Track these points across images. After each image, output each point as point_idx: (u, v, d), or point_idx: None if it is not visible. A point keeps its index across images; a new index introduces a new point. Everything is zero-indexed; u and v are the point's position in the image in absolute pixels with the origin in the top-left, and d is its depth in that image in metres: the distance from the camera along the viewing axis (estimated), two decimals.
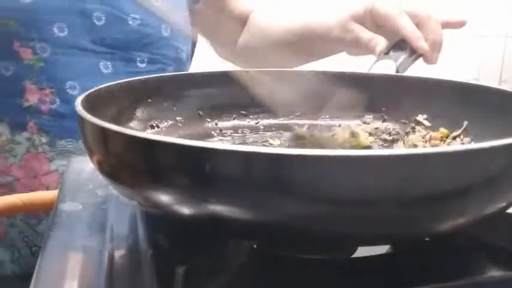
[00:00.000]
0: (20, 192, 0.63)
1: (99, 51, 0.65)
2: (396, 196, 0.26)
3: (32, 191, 0.63)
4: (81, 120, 0.33)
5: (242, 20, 0.91)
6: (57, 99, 0.63)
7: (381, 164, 0.25)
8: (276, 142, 0.51)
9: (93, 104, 0.38)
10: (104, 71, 0.65)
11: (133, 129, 0.46)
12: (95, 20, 0.64)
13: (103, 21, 0.64)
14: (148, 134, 0.40)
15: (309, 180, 0.25)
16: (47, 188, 0.64)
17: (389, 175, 0.25)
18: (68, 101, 0.63)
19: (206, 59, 0.92)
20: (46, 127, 0.63)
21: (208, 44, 0.95)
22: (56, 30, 0.62)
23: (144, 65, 0.68)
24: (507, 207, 0.31)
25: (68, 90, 0.63)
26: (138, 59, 0.68)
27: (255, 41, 0.90)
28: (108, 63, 0.66)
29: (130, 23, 0.66)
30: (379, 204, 0.26)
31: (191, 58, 0.86)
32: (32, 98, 0.62)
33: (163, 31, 0.70)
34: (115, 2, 0.65)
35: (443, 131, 0.49)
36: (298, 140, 0.51)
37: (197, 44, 0.88)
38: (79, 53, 0.64)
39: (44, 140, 0.63)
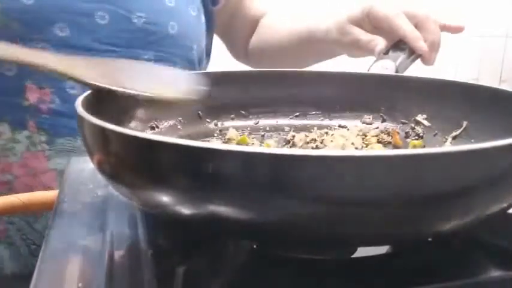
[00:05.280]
0: (20, 191, 0.63)
1: (102, 49, 0.64)
2: (397, 197, 0.26)
3: (31, 189, 0.63)
4: (81, 120, 0.33)
5: (255, 22, 0.93)
6: (57, 99, 0.63)
7: (383, 164, 0.25)
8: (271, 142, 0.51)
9: (93, 104, 0.38)
10: None
11: (133, 129, 0.46)
12: (97, 19, 0.64)
13: (106, 20, 0.64)
14: (149, 135, 0.40)
15: (310, 180, 0.25)
16: (45, 187, 0.64)
17: (391, 176, 0.25)
18: (68, 100, 0.63)
19: (212, 59, 0.93)
20: (45, 126, 0.63)
21: (225, 44, 0.96)
22: (57, 31, 0.62)
23: (150, 63, 0.67)
24: (509, 207, 0.31)
25: (67, 89, 0.63)
26: (143, 57, 0.67)
27: (263, 44, 0.91)
28: None
29: (135, 21, 0.66)
30: (381, 205, 0.26)
31: (207, 58, 0.85)
32: (32, 98, 0.62)
33: (170, 29, 0.69)
34: (119, 0, 0.65)
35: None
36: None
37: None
38: (80, 53, 0.63)
39: (43, 138, 0.63)
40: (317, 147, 0.49)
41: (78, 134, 0.63)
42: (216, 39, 0.94)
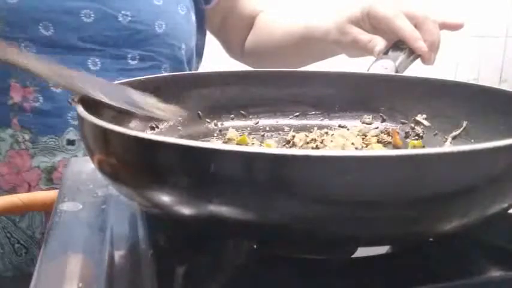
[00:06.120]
0: (4, 189, 0.63)
1: (88, 48, 0.64)
2: (397, 197, 0.26)
3: (15, 186, 0.64)
4: (82, 120, 0.33)
5: (251, 20, 0.92)
6: (41, 97, 0.63)
7: (383, 164, 0.25)
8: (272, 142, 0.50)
9: (93, 104, 0.38)
10: (92, 68, 0.65)
11: (133, 129, 0.46)
12: (83, 18, 0.64)
13: (92, 18, 0.64)
14: (149, 135, 0.40)
15: (310, 180, 0.25)
16: (29, 184, 0.64)
17: (391, 175, 0.25)
18: (51, 98, 0.63)
19: (213, 59, 0.93)
20: (29, 124, 0.63)
21: (220, 43, 0.96)
22: (41, 29, 0.62)
23: (136, 62, 0.67)
24: (509, 207, 0.31)
25: (51, 88, 0.63)
26: (129, 56, 0.67)
27: (261, 43, 0.91)
28: (97, 60, 0.65)
29: (120, 19, 0.66)
30: (381, 205, 0.26)
31: (199, 57, 0.85)
32: (16, 96, 0.63)
33: (156, 28, 0.69)
34: None
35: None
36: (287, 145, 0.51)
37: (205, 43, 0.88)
38: (65, 51, 0.64)
39: (26, 136, 0.63)
40: (317, 147, 0.49)
41: (62, 133, 0.64)
42: (214, 40, 0.94)
